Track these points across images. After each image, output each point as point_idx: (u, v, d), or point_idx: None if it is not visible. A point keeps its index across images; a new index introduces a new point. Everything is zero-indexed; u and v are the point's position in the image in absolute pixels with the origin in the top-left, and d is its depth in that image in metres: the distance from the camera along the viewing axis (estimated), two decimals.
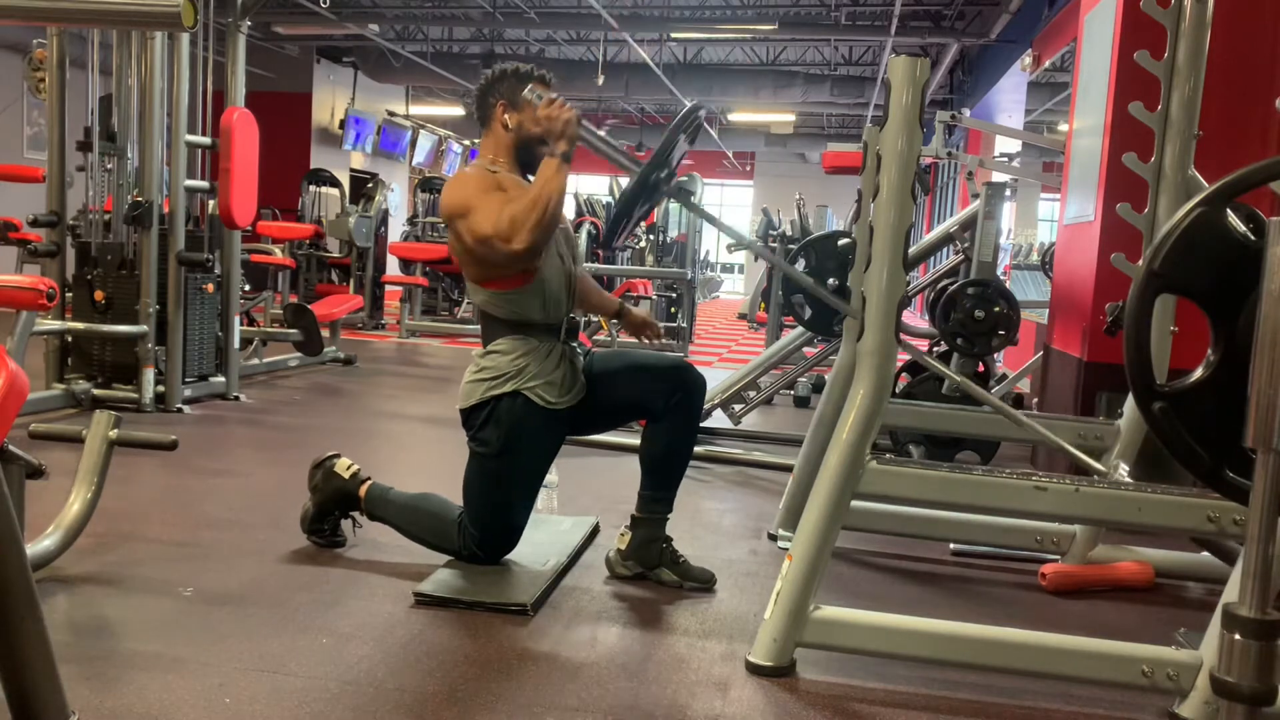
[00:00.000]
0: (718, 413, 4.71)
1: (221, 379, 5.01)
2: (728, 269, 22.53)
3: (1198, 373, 1.33)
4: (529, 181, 2.61)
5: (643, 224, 14.06)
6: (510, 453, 2.52)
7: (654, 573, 2.61)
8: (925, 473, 2.19)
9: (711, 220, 2.94)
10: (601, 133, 2.62)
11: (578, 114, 2.48)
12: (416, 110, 17.33)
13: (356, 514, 2.74)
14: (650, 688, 2.00)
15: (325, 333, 6.21)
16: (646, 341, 2.93)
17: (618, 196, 2.66)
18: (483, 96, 2.65)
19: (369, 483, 2.72)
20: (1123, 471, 2.60)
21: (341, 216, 9.55)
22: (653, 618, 2.40)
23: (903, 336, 2.20)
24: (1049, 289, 5.09)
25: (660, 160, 2.49)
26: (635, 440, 3.64)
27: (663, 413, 2.57)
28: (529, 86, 2.57)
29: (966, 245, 4.57)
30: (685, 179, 10.32)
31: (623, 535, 2.65)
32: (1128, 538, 3.01)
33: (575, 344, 2.67)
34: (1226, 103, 3.45)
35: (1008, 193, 4.73)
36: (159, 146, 4.61)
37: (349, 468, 2.73)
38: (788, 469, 3.48)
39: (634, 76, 13.94)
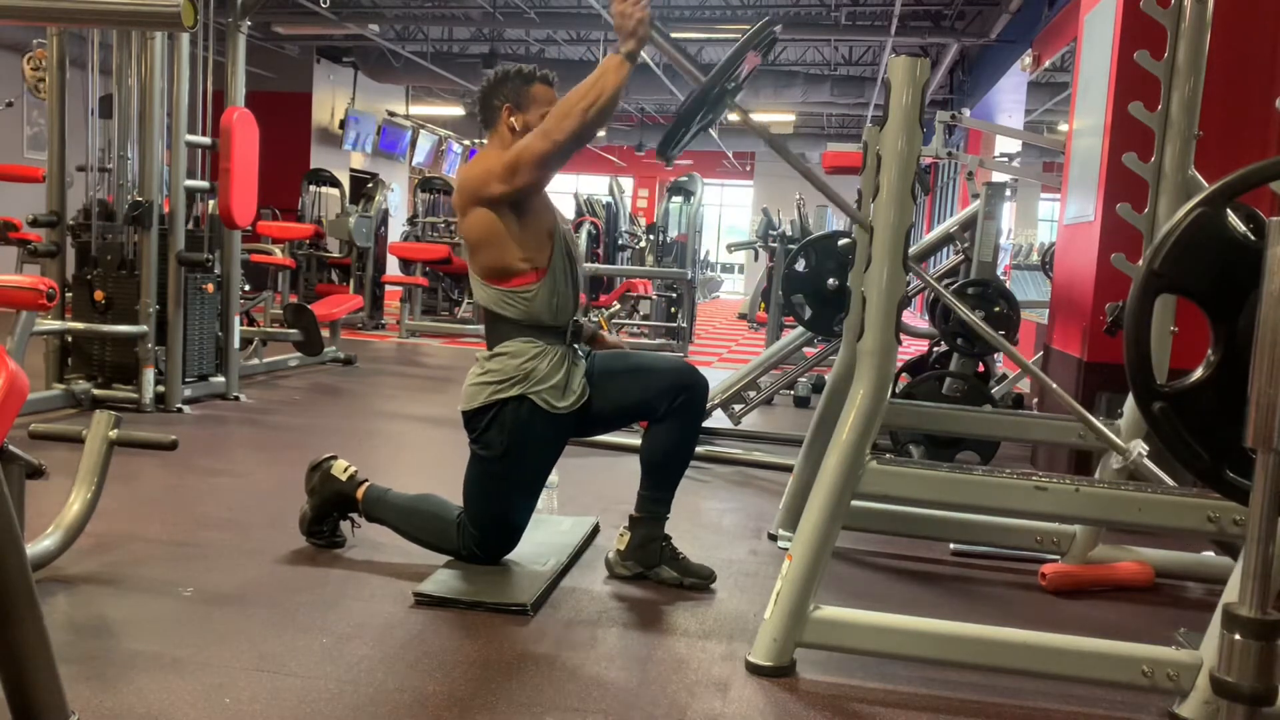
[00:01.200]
0: (718, 413, 4.71)
1: (221, 379, 5.01)
2: (728, 269, 22.53)
3: (1198, 373, 1.33)
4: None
5: (643, 222, 14.05)
6: (513, 457, 2.51)
7: (653, 571, 2.61)
8: (925, 473, 2.19)
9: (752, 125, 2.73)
10: (669, 35, 2.52)
11: (650, 13, 2.42)
12: (416, 110, 17.33)
13: (355, 516, 2.74)
14: (650, 688, 2.00)
15: (325, 333, 6.21)
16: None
17: (678, 111, 2.56)
18: (486, 99, 2.63)
19: (366, 484, 2.72)
20: (1141, 450, 2.58)
21: (341, 216, 9.55)
22: (653, 618, 2.40)
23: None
24: (1049, 289, 5.09)
25: (727, 70, 2.39)
26: (635, 440, 3.64)
27: (665, 414, 2.56)
28: None
29: (966, 245, 4.57)
30: (685, 179, 10.29)
31: (622, 535, 2.65)
32: (1128, 538, 3.01)
33: (579, 346, 2.67)
34: (1226, 103, 3.46)
35: (1008, 193, 4.73)
36: (159, 146, 4.61)
37: (346, 470, 2.72)
38: (788, 469, 3.48)
39: (634, 76, 13.86)
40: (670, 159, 2.59)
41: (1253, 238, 1.29)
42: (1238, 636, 1.23)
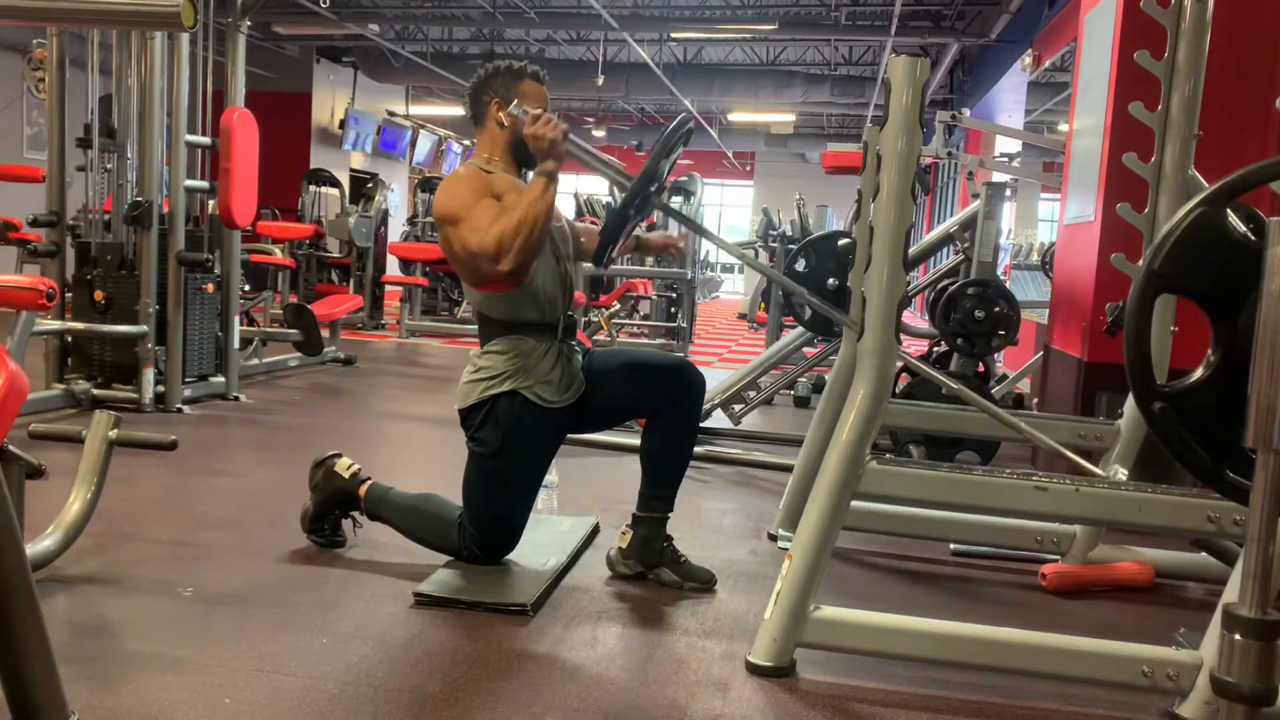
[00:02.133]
0: (718, 413, 4.71)
1: (221, 379, 5.01)
2: (728, 269, 22.52)
3: (1198, 373, 1.33)
4: (525, 181, 2.61)
5: (643, 223, 14.06)
6: (509, 452, 2.52)
7: (654, 572, 2.61)
8: (925, 473, 2.19)
9: (701, 231, 2.94)
10: (588, 146, 2.60)
11: (565, 129, 2.46)
12: (416, 110, 17.33)
13: (356, 514, 2.74)
14: (650, 688, 2.00)
15: (325, 333, 6.21)
16: (672, 256, 2.95)
17: (610, 208, 2.66)
18: (476, 94, 2.64)
19: (369, 483, 2.72)
20: (1119, 474, 2.61)
21: (341, 216, 9.55)
22: (653, 618, 2.40)
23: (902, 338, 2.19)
24: (1049, 289, 5.10)
25: (650, 176, 2.45)
26: (635, 440, 3.63)
27: (662, 411, 2.57)
28: (515, 103, 2.54)
29: (966, 245, 4.57)
30: (685, 179, 10.26)
31: (624, 534, 2.65)
32: (1128, 538, 3.01)
33: (573, 342, 2.67)
34: (1226, 103, 3.46)
35: (1008, 193, 4.73)
36: (159, 146, 4.61)
37: (349, 468, 2.73)
38: (788, 469, 3.48)
39: (634, 76, 13.94)
40: (606, 264, 2.62)
41: (1253, 238, 1.29)
42: (1238, 636, 1.23)
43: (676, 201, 10.56)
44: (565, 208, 2.67)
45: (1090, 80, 4.24)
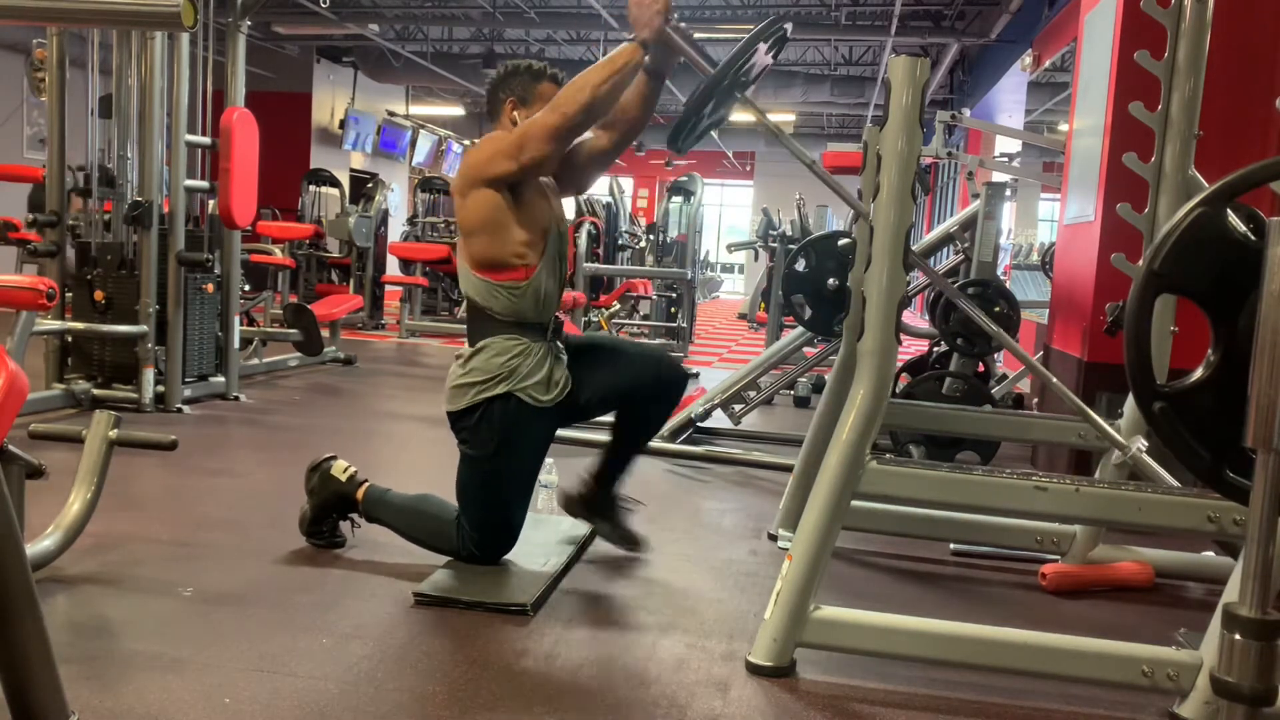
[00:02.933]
0: (718, 413, 4.71)
1: (221, 379, 5.01)
2: (728, 269, 22.52)
3: (1198, 373, 1.33)
4: (540, 182, 2.60)
5: (643, 222, 14.03)
6: (505, 454, 2.51)
7: (595, 519, 2.82)
8: (925, 473, 2.19)
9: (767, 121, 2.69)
10: (688, 33, 2.52)
11: (668, 12, 2.43)
12: (416, 110, 17.33)
13: (354, 515, 2.74)
14: (650, 688, 2.00)
15: (325, 333, 6.21)
16: None
17: (688, 101, 2.56)
18: (493, 92, 2.64)
19: (366, 485, 2.71)
20: (1141, 446, 2.58)
21: (341, 216, 9.55)
22: (653, 618, 2.40)
23: None
24: (1049, 289, 5.09)
25: (735, 62, 2.38)
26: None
27: (645, 398, 2.66)
28: None
29: (966, 245, 4.57)
30: (685, 179, 10.24)
31: (585, 482, 2.82)
32: (1128, 538, 3.01)
33: (559, 342, 2.66)
34: (1226, 103, 3.45)
35: (1008, 193, 4.73)
36: (159, 146, 4.61)
37: (345, 470, 2.71)
38: (788, 469, 3.48)
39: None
40: (681, 149, 2.57)
41: (1253, 238, 1.29)
42: (1238, 636, 1.23)
43: (676, 202, 10.57)
44: (566, 208, 2.66)
45: (1090, 80, 4.24)
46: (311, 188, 11.14)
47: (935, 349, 5.08)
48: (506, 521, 2.58)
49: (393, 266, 10.55)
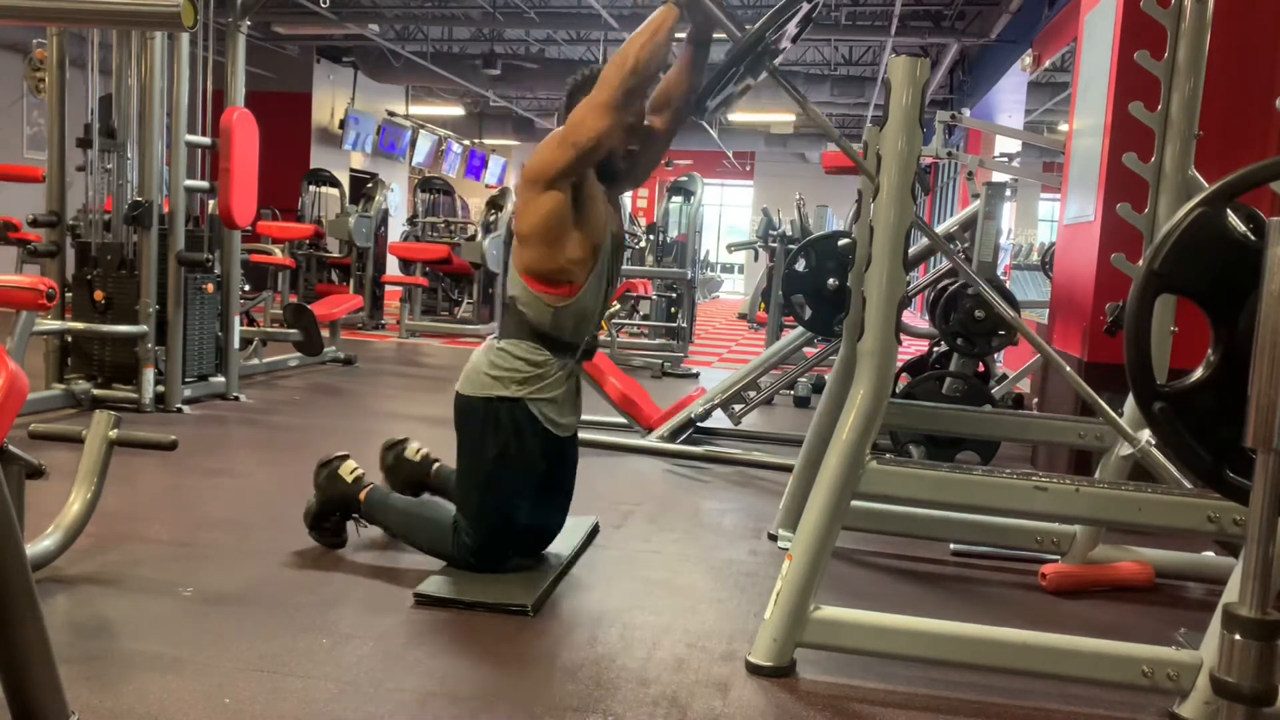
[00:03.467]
0: (718, 413, 4.71)
1: (221, 379, 5.01)
2: (728, 269, 22.52)
3: (1198, 373, 1.33)
4: (600, 192, 2.55)
5: (643, 222, 14.03)
6: (504, 459, 2.49)
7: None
8: (925, 473, 2.19)
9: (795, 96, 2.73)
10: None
11: None
12: (416, 110, 17.33)
13: (357, 515, 2.73)
14: (650, 688, 2.00)
15: (325, 333, 6.21)
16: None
17: (719, 67, 2.55)
18: (572, 96, 2.56)
19: (370, 488, 2.70)
20: (1150, 440, 2.57)
21: (341, 216, 9.55)
22: (652, 618, 2.40)
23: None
24: (1049, 289, 5.09)
25: (769, 26, 2.38)
26: (635, 440, 3.63)
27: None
28: None
29: (966, 245, 4.57)
30: (685, 179, 10.21)
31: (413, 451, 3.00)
32: (1128, 538, 3.01)
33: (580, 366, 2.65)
34: (1226, 103, 3.45)
35: (1008, 193, 4.74)
36: (159, 146, 4.61)
37: (353, 471, 2.71)
38: (788, 469, 3.48)
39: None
40: (706, 111, 2.55)
41: (1253, 238, 1.29)
42: (1238, 636, 1.23)
43: (676, 202, 10.57)
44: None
45: (1090, 80, 4.24)
46: (311, 188, 11.14)
47: (935, 349, 5.08)
48: (504, 530, 2.55)
49: (393, 266, 10.55)
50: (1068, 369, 2.51)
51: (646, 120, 2.64)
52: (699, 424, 4.58)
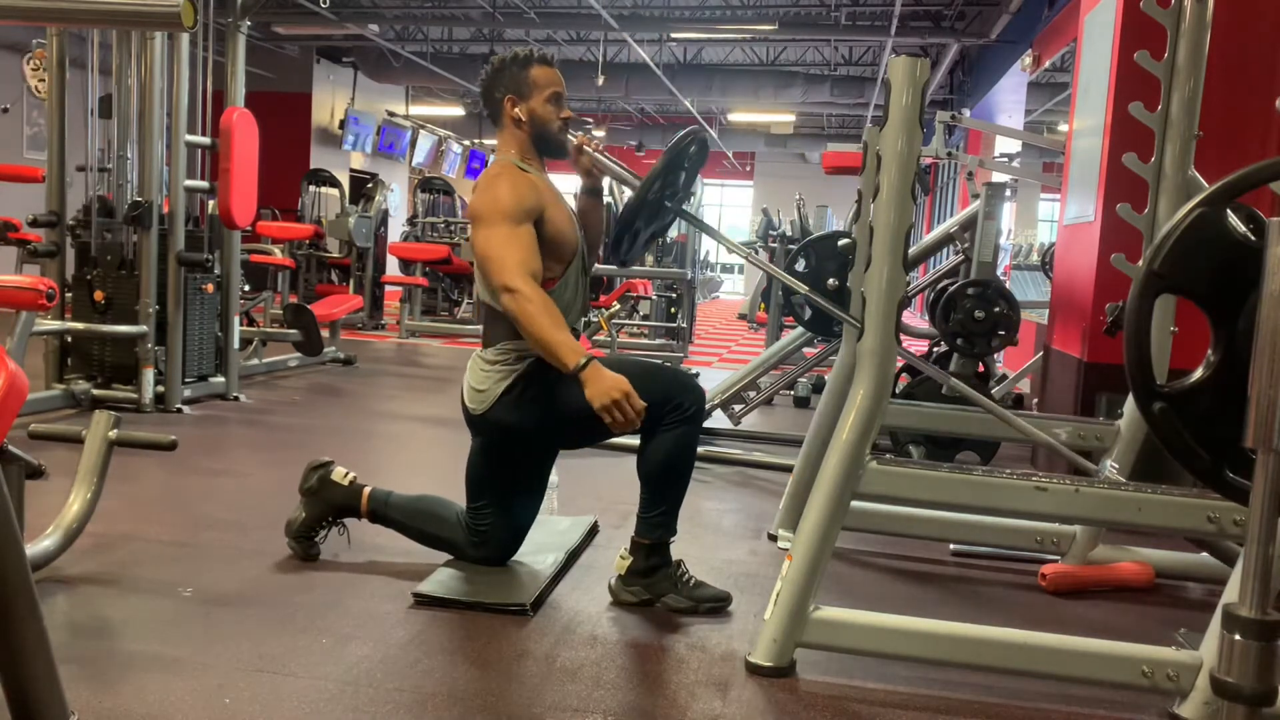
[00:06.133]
0: (718, 413, 4.71)
1: (221, 379, 5.01)
2: (728, 269, 22.53)
3: (1198, 373, 1.33)
4: (559, 214, 2.53)
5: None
6: (548, 406, 2.41)
7: (662, 601, 2.43)
8: (925, 473, 2.19)
9: (711, 233, 2.89)
10: (604, 158, 2.57)
11: (581, 141, 2.48)
12: (416, 110, 17.34)
13: (346, 521, 2.69)
14: (650, 688, 2.00)
15: (325, 333, 6.21)
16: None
17: (619, 217, 2.61)
18: (488, 92, 2.54)
19: (370, 489, 2.69)
20: (1111, 470, 2.60)
21: (341, 217, 9.55)
22: (653, 618, 2.40)
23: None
24: (1049, 289, 5.09)
25: (653, 182, 2.40)
26: (636, 440, 3.61)
27: (661, 424, 2.37)
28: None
29: (966, 245, 4.57)
30: None
31: (622, 559, 2.47)
32: (1128, 538, 3.01)
33: None
34: (1226, 103, 3.46)
35: (1008, 193, 4.73)
36: (159, 146, 4.61)
37: (345, 475, 2.68)
38: (788, 469, 3.48)
39: (634, 76, 13.95)
40: (627, 262, 2.59)
41: (1253, 238, 1.29)
42: (1238, 637, 1.23)
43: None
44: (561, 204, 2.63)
45: (1090, 80, 4.24)
46: (311, 188, 11.14)
47: (935, 349, 5.08)
48: (514, 523, 2.57)
49: (392, 267, 10.55)
50: (1044, 436, 2.50)
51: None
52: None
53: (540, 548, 2.73)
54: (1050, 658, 2.01)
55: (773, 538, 3.13)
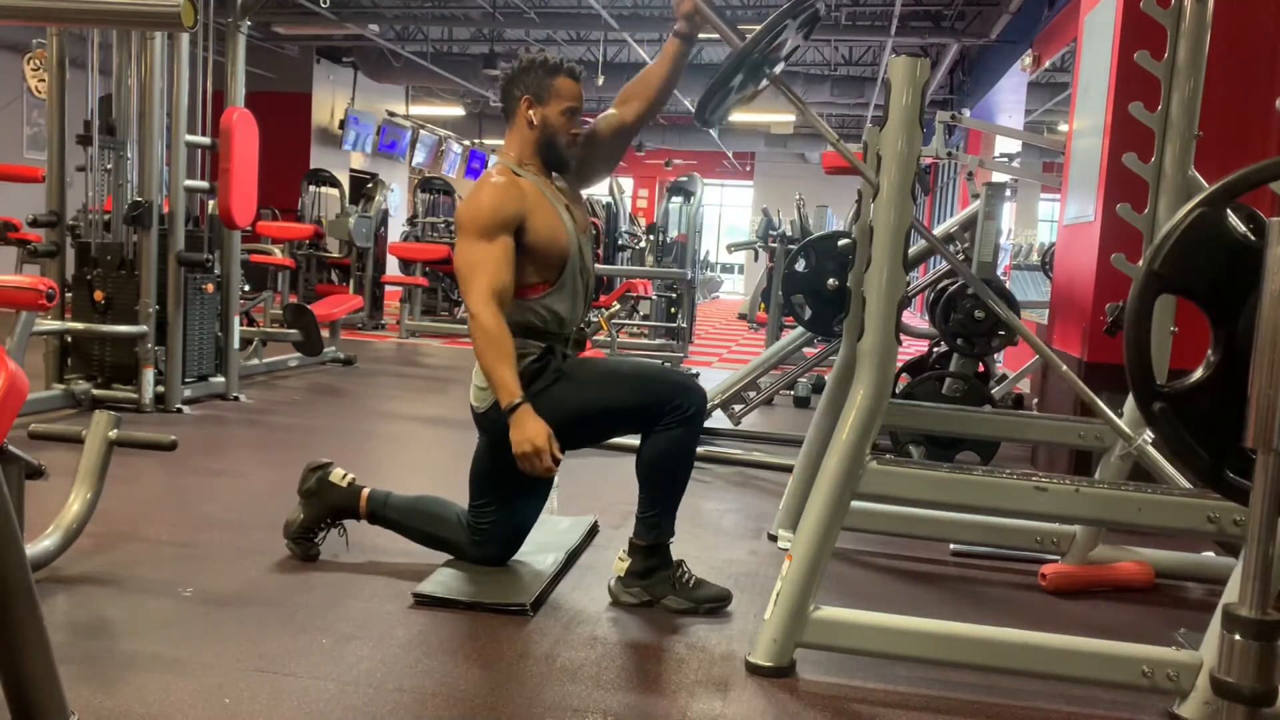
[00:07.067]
0: (718, 413, 4.70)
1: (221, 379, 5.01)
2: (728, 269, 22.52)
3: (1198, 373, 1.33)
4: (553, 185, 2.53)
5: (643, 222, 14.02)
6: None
7: (662, 603, 2.44)
8: (925, 473, 2.19)
9: (802, 107, 2.60)
10: (708, 9, 2.46)
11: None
12: (416, 110, 17.33)
13: (345, 522, 2.70)
14: (650, 687, 2.00)
15: (325, 333, 6.21)
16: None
17: (715, 76, 2.50)
18: (507, 88, 2.52)
19: (367, 490, 2.69)
20: (1147, 438, 2.57)
21: (341, 217, 9.55)
22: (653, 618, 2.40)
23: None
24: (1049, 289, 5.09)
25: (764, 37, 2.31)
26: (635, 440, 3.59)
27: (661, 424, 2.38)
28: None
29: (966, 245, 4.57)
30: (685, 179, 10.22)
31: (621, 560, 2.47)
32: (1128, 538, 3.01)
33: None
34: (1226, 103, 3.45)
35: (1008, 193, 4.73)
36: (159, 146, 4.61)
37: (344, 477, 2.67)
38: (788, 469, 3.48)
39: (634, 76, 13.92)
40: (709, 121, 2.49)
41: (1253, 238, 1.29)
42: (1238, 637, 1.23)
43: (676, 202, 10.57)
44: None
45: (1090, 80, 4.24)
46: (311, 188, 11.14)
47: (935, 349, 5.08)
48: (515, 523, 2.57)
49: (392, 267, 10.55)
50: (1064, 367, 2.51)
51: (614, 110, 2.62)
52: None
53: (540, 548, 2.73)
54: (1050, 658, 2.01)
55: (773, 538, 3.13)
